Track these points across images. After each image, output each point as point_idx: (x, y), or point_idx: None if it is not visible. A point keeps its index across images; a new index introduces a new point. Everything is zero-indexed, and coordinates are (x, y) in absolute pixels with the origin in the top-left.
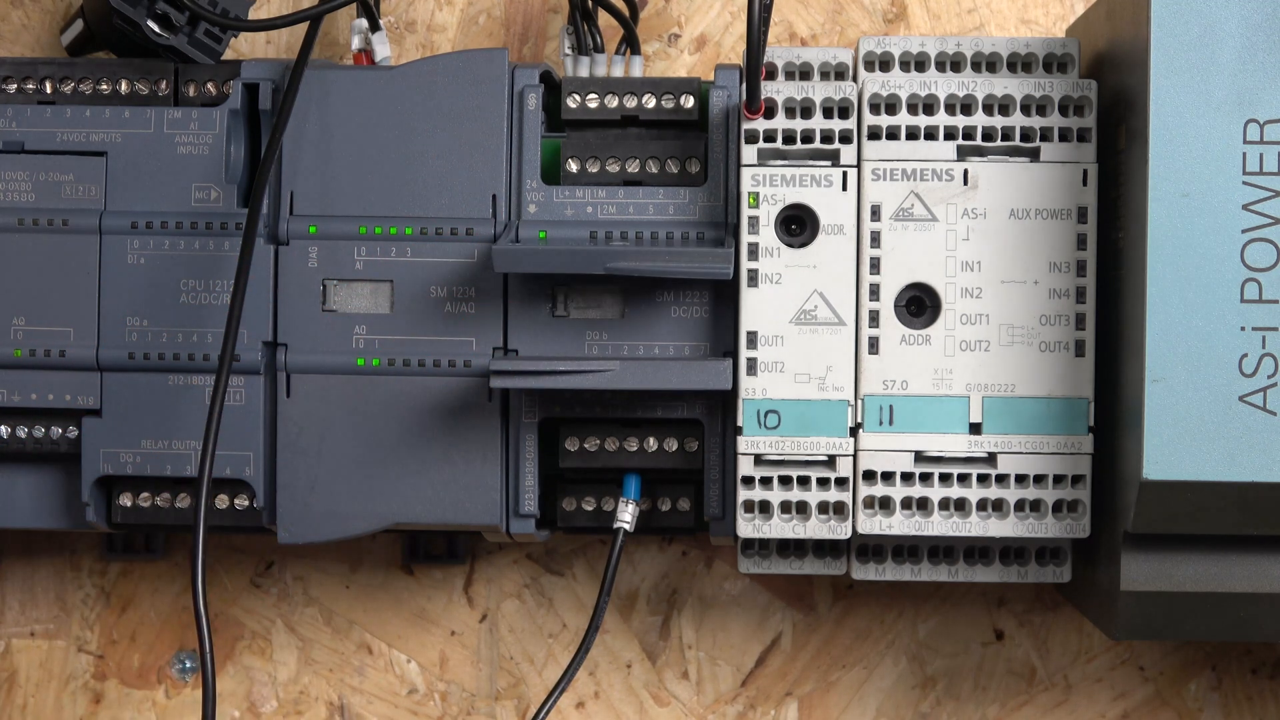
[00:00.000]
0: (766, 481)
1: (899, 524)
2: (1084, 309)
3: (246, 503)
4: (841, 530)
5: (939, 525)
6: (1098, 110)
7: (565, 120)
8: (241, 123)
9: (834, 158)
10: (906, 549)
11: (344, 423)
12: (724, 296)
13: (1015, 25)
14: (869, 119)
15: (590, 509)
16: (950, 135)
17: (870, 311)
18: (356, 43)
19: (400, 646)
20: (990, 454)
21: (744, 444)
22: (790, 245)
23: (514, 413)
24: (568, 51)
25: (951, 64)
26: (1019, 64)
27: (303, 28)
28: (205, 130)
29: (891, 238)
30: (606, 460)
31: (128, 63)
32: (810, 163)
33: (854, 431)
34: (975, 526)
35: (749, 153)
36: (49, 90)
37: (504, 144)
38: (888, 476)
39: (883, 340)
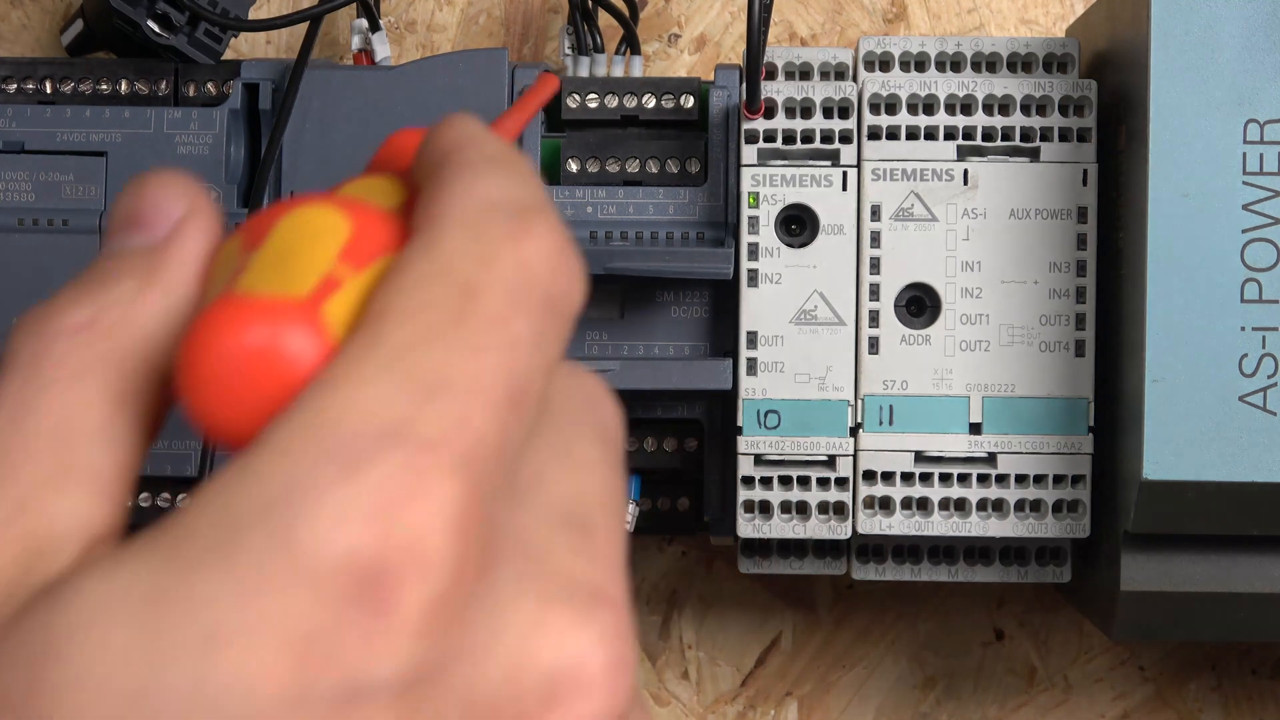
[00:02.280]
0: (766, 481)
1: (899, 524)
2: (1084, 309)
3: None
4: (841, 530)
5: (939, 525)
6: (1098, 110)
7: (565, 120)
8: (241, 123)
9: (834, 158)
10: (906, 549)
11: None
12: (724, 296)
13: (1015, 25)
14: (869, 119)
15: None
16: (950, 135)
17: (870, 311)
18: (356, 43)
19: None
20: (990, 454)
21: (744, 444)
22: (790, 245)
23: None
24: (568, 51)
25: (951, 64)
26: (1019, 64)
27: (303, 28)
28: (205, 130)
29: (891, 238)
30: None
31: (128, 63)
32: (810, 163)
33: (854, 431)
34: (975, 526)
35: (749, 153)
36: (49, 90)
37: None
38: (888, 476)
39: (883, 340)
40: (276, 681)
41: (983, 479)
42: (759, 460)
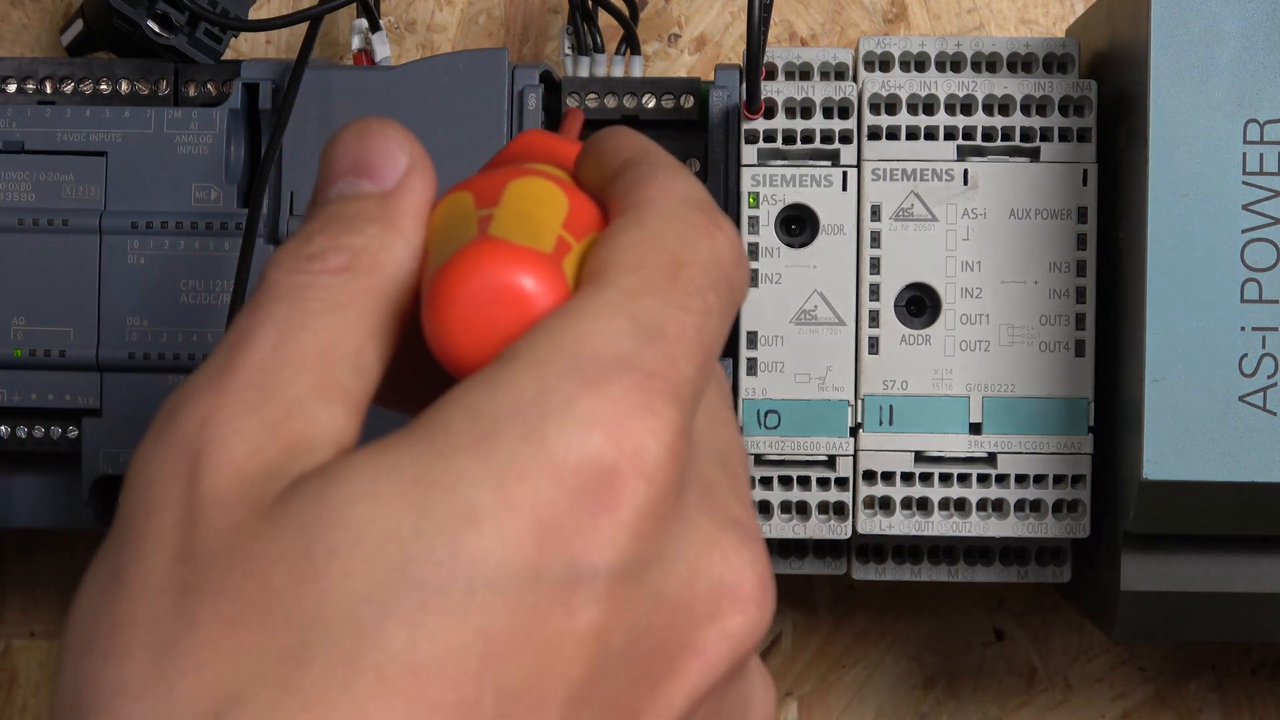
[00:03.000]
0: (766, 482)
1: (899, 524)
2: (1084, 309)
3: None
4: (841, 530)
5: (939, 525)
6: (1098, 110)
7: None
8: (241, 123)
9: (834, 158)
10: (906, 549)
11: None
12: None
13: (1015, 25)
14: (869, 119)
15: None
16: (950, 135)
17: (870, 311)
18: (356, 43)
19: None
20: (990, 454)
21: (744, 444)
22: (790, 245)
23: None
24: (568, 51)
25: (951, 64)
26: (1019, 64)
27: (303, 28)
28: (205, 130)
29: (891, 238)
30: None
31: (128, 63)
32: (810, 163)
33: (854, 431)
34: (975, 526)
35: (749, 153)
36: (49, 90)
37: (504, 144)
38: (888, 476)
39: (883, 340)
40: (521, 559)
41: (983, 479)
42: (759, 460)
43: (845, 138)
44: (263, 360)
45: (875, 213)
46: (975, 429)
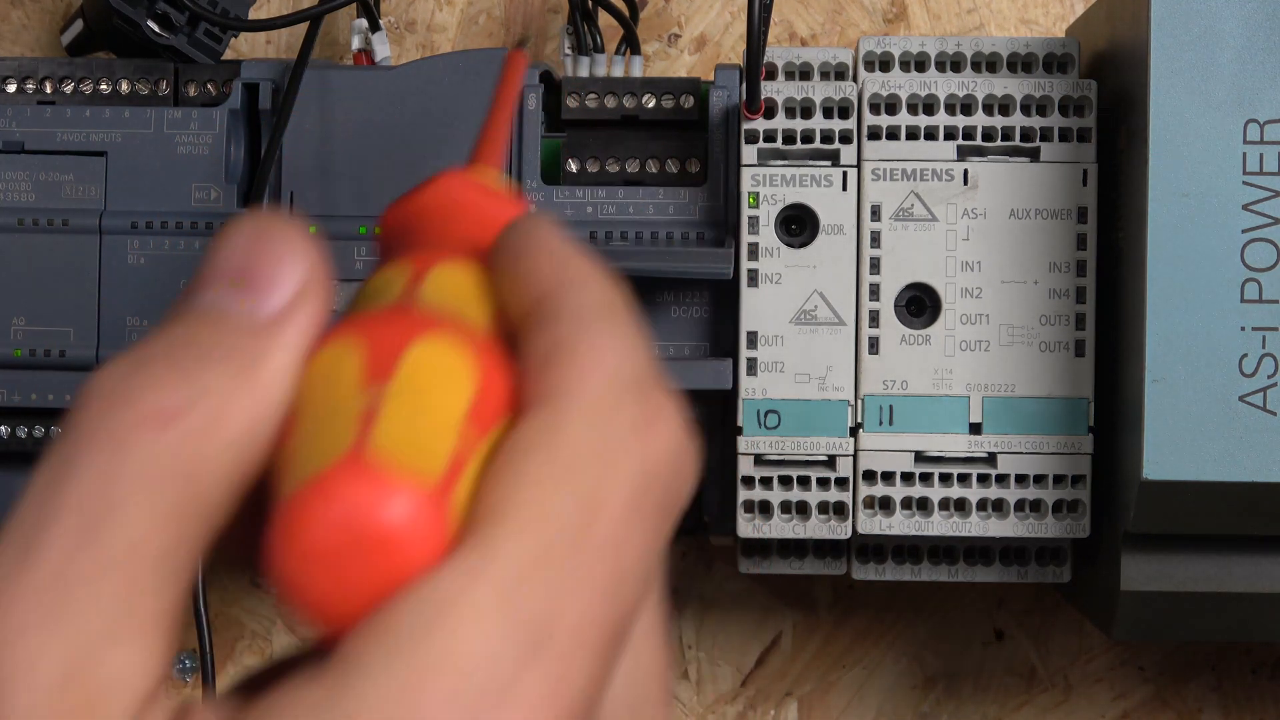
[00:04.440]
0: (766, 481)
1: (899, 524)
2: (1084, 309)
3: None
4: (841, 530)
5: (939, 525)
6: (1098, 110)
7: (565, 120)
8: (241, 123)
9: (834, 158)
10: (906, 549)
11: None
12: (724, 296)
13: (1015, 25)
14: (869, 119)
15: None
16: (950, 135)
17: (870, 311)
18: (356, 43)
19: None
20: (990, 454)
21: (744, 444)
22: (790, 245)
23: None
24: (568, 51)
25: (951, 64)
26: (1019, 64)
27: (303, 28)
28: (205, 130)
29: (891, 238)
30: None
31: (128, 63)
32: (810, 163)
33: (854, 431)
34: (975, 526)
35: (749, 153)
36: (49, 90)
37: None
38: (888, 476)
39: (883, 340)
40: None
41: (983, 479)
42: (759, 460)
43: (845, 138)
44: (60, 570)
45: (875, 213)
46: (975, 429)
